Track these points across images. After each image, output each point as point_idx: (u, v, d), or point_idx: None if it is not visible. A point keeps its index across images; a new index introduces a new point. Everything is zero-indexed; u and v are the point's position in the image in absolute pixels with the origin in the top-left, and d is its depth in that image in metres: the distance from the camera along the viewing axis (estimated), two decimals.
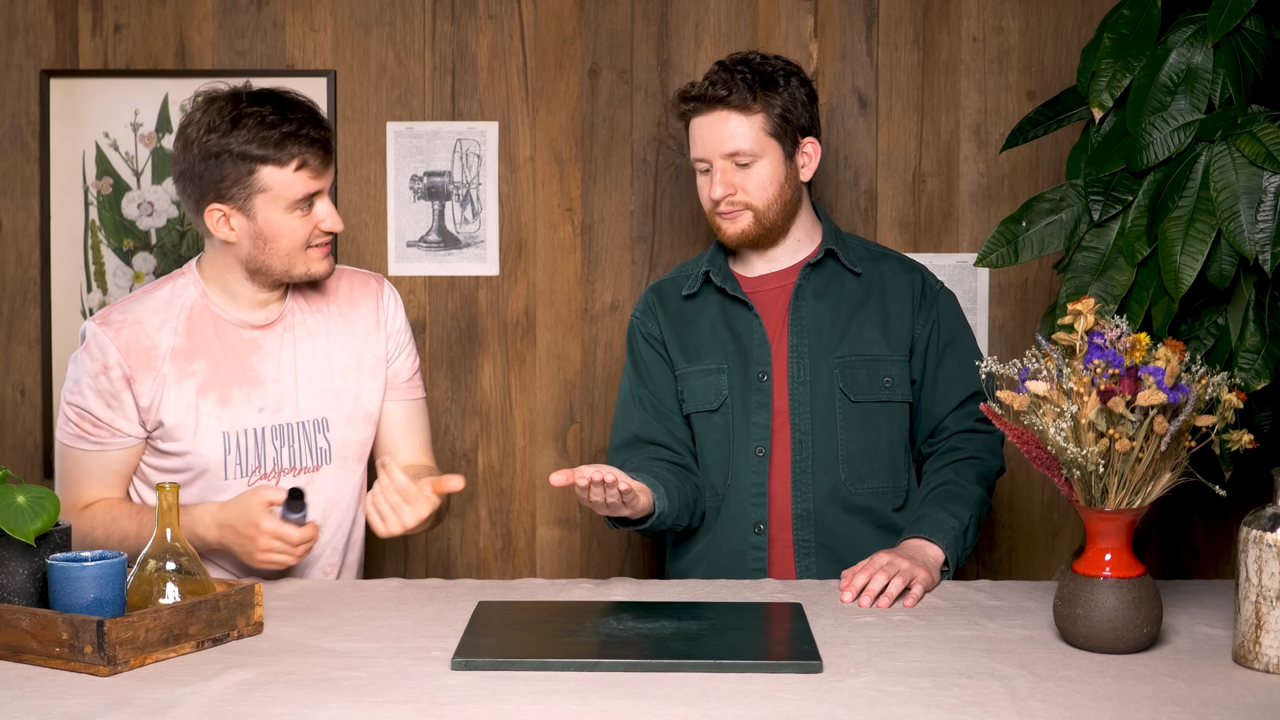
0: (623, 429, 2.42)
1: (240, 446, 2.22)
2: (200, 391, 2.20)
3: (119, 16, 2.88)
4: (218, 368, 2.22)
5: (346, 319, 2.33)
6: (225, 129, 2.13)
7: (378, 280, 2.39)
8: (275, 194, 2.14)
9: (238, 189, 2.14)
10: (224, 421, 2.21)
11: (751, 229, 2.33)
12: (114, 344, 2.17)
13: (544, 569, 2.94)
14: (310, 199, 2.18)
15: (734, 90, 2.28)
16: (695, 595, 2.05)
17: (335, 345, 2.30)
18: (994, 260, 2.20)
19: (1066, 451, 1.70)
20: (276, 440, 2.24)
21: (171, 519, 1.82)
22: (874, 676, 1.65)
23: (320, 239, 2.22)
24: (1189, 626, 1.87)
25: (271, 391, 2.24)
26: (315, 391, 2.27)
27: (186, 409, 2.19)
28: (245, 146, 2.12)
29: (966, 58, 2.87)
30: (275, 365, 2.25)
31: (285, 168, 2.14)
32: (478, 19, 2.89)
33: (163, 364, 2.19)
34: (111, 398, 2.17)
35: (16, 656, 1.72)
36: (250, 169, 2.13)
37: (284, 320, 2.28)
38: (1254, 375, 2.04)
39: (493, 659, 1.69)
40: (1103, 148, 2.19)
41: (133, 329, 2.18)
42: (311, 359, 2.28)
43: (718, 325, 2.39)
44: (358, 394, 2.31)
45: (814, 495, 2.31)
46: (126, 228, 2.88)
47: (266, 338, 2.26)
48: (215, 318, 2.23)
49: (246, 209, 2.16)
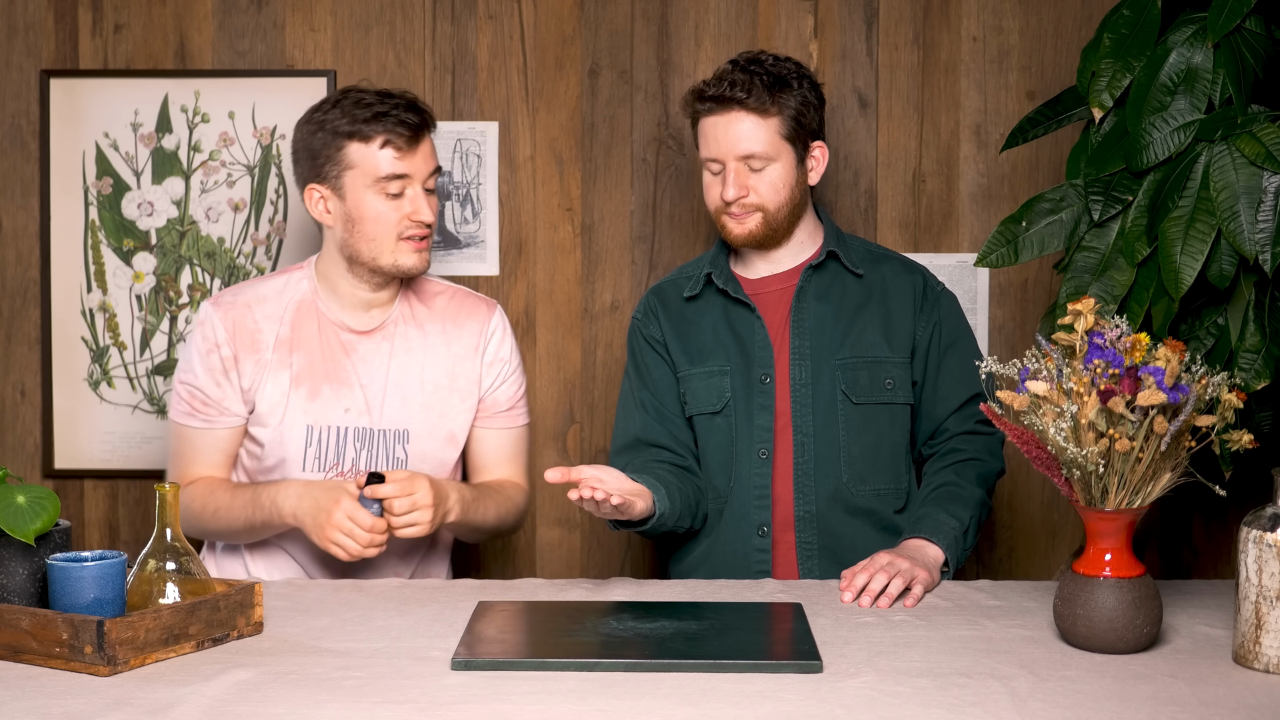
0: (624, 431, 2.41)
1: (321, 441, 2.28)
2: (294, 383, 2.27)
3: (119, 16, 2.88)
4: (313, 363, 2.28)
5: (447, 338, 2.36)
6: (327, 108, 2.25)
7: (489, 305, 2.42)
8: (361, 170, 2.23)
9: (330, 166, 2.24)
10: (310, 415, 2.27)
11: (759, 230, 2.33)
12: (222, 324, 2.26)
13: (544, 569, 2.94)
14: (399, 184, 2.23)
15: (752, 92, 2.27)
16: (695, 595, 2.05)
17: (431, 361, 2.34)
18: (994, 260, 2.20)
19: (1066, 451, 1.70)
20: (358, 442, 2.29)
21: (171, 519, 1.82)
22: (874, 676, 1.65)
23: (412, 230, 2.26)
24: (1189, 626, 1.87)
25: (360, 395, 2.30)
26: (403, 402, 2.31)
27: (279, 397, 2.27)
28: (337, 123, 2.23)
29: (966, 58, 2.87)
30: (368, 370, 2.31)
31: (371, 144, 2.22)
32: (478, 19, 2.89)
33: (266, 350, 2.27)
34: (221, 375, 2.26)
35: (16, 656, 1.72)
36: (340, 145, 2.23)
37: (385, 329, 2.33)
38: (1254, 375, 2.04)
39: (493, 659, 1.69)
40: (1103, 148, 2.19)
41: (241, 311, 2.28)
42: (405, 370, 2.33)
43: (720, 327, 2.39)
44: (444, 412, 2.35)
45: (816, 497, 2.31)
46: (126, 228, 2.88)
47: (365, 343, 2.32)
48: (320, 315, 2.31)
49: (338, 188, 2.24)
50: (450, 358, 2.36)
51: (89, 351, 2.89)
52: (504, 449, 2.42)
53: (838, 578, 2.22)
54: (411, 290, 2.38)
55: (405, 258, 2.26)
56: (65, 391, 2.90)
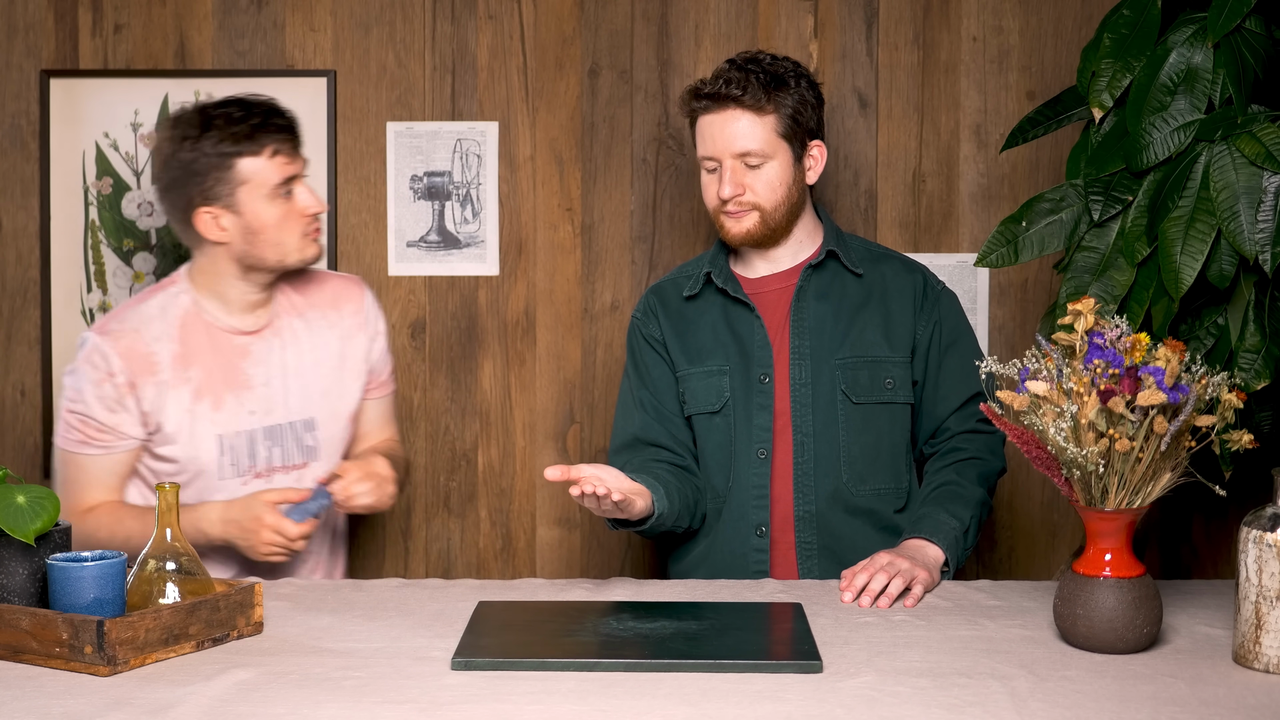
0: (623, 430, 2.41)
1: (234, 448, 2.31)
2: (195, 397, 2.29)
3: (119, 16, 2.88)
4: (211, 374, 2.30)
5: (330, 321, 2.42)
6: (197, 135, 2.25)
7: (358, 284, 2.50)
8: (256, 183, 2.25)
9: (221, 186, 2.24)
10: (218, 425, 2.30)
11: (756, 229, 2.33)
12: (115, 352, 2.25)
13: (544, 569, 2.94)
14: (288, 186, 2.28)
15: (748, 89, 2.28)
16: (695, 595, 2.05)
17: (320, 347, 2.40)
18: (994, 260, 2.20)
19: (1066, 451, 1.70)
20: (268, 440, 2.34)
21: (171, 519, 1.82)
22: (874, 676, 1.65)
23: (313, 224, 2.32)
24: (1189, 626, 1.87)
25: (261, 395, 2.34)
26: (303, 392, 2.37)
27: (184, 414, 2.28)
28: (220, 144, 2.23)
29: (966, 58, 2.87)
30: (265, 370, 2.35)
31: (260, 156, 2.25)
32: (478, 19, 2.89)
33: (163, 371, 2.28)
34: (115, 403, 2.25)
35: (16, 656, 1.72)
36: (229, 164, 2.23)
37: (272, 326, 2.37)
38: (1254, 375, 2.04)
39: (493, 659, 1.69)
40: (1103, 148, 2.19)
41: (131, 337, 2.27)
42: (299, 361, 2.38)
43: (719, 327, 2.39)
44: (341, 394, 2.42)
45: (816, 497, 2.31)
46: (126, 228, 2.88)
47: (256, 344, 2.35)
48: (208, 325, 2.32)
49: (232, 204, 2.25)
50: (338, 339, 2.42)
51: None
52: (384, 415, 2.53)
53: (838, 578, 2.22)
54: (284, 282, 2.41)
55: (309, 250, 2.32)
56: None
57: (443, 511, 2.95)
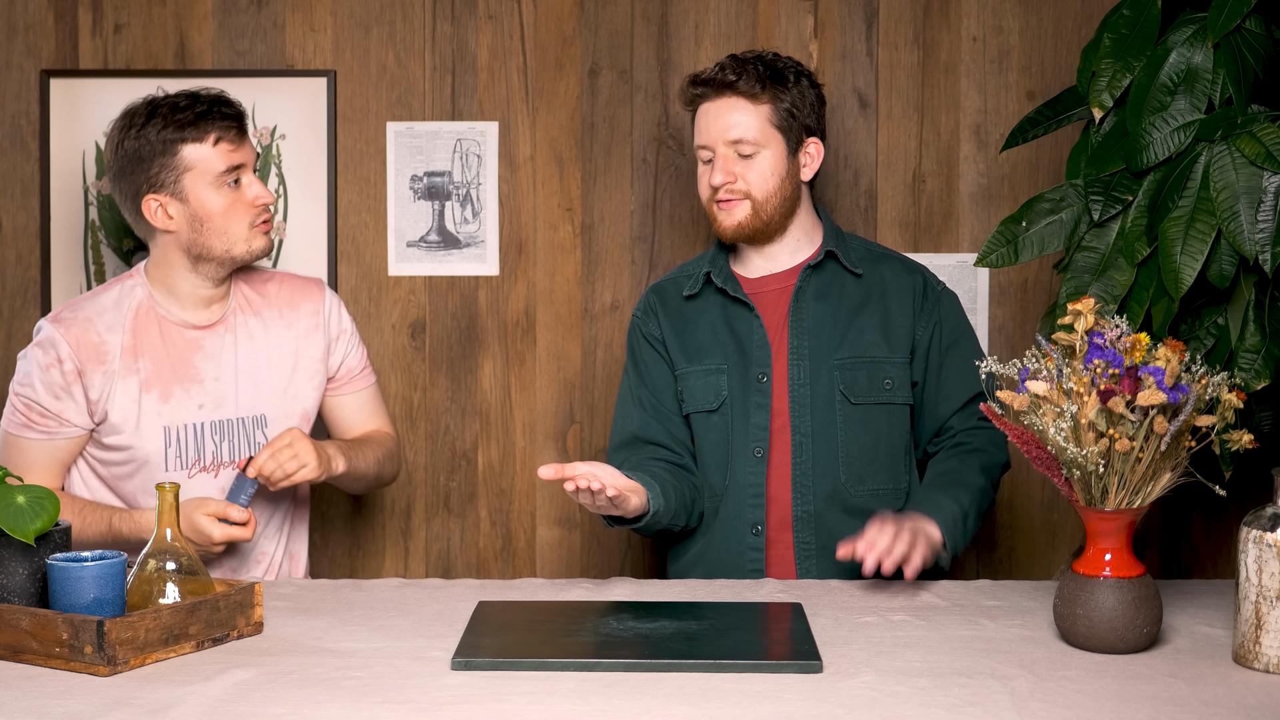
0: (622, 428, 2.42)
1: (180, 440, 2.32)
2: (143, 388, 2.31)
3: (119, 16, 2.88)
4: (160, 366, 2.32)
5: (286, 321, 2.43)
6: (142, 123, 2.29)
7: (318, 285, 2.50)
8: (201, 170, 2.28)
9: (166, 174, 2.27)
10: (164, 417, 2.32)
11: (748, 221, 2.34)
12: (65, 339, 2.28)
13: (544, 569, 2.94)
14: (235, 175, 2.30)
15: (743, 77, 2.31)
16: (695, 595, 2.05)
17: (275, 346, 2.41)
18: (994, 260, 2.20)
19: (1066, 451, 1.70)
20: (216, 435, 2.35)
21: (171, 519, 1.82)
22: (874, 676, 1.65)
23: (262, 215, 2.33)
24: (1189, 626, 1.87)
25: (211, 389, 2.35)
26: (254, 390, 2.38)
27: (130, 404, 2.30)
28: (164, 131, 2.27)
29: (966, 58, 2.87)
30: (216, 364, 2.36)
31: (204, 143, 2.27)
32: (478, 19, 2.89)
33: (112, 361, 2.30)
34: (61, 390, 2.28)
35: (16, 656, 1.72)
36: (173, 151, 2.27)
37: (225, 321, 2.38)
38: (1254, 375, 2.04)
39: (493, 659, 1.69)
40: (1103, 148, 2.19)
41: (83, 326, 2.30)
42: (252, 358, 2.39)
43: (718, 326, 2.39)
44: (295, 394, 2.42)
45: (814, 497, 2.31)
46: (126, 228, 2.88)
47: (208, 338, 2.36)
48: (160, 318, 2.34)
49: (178, 192, 2.28)
50: (293, 339, 2.42)
51: None
52: (366, 407, 2.53)
53: (835, 577, 2.22)
54: (242, 280, 2.42)
55: (257, 241, 2.32)
56: None
57: (443, 511, 2.95)
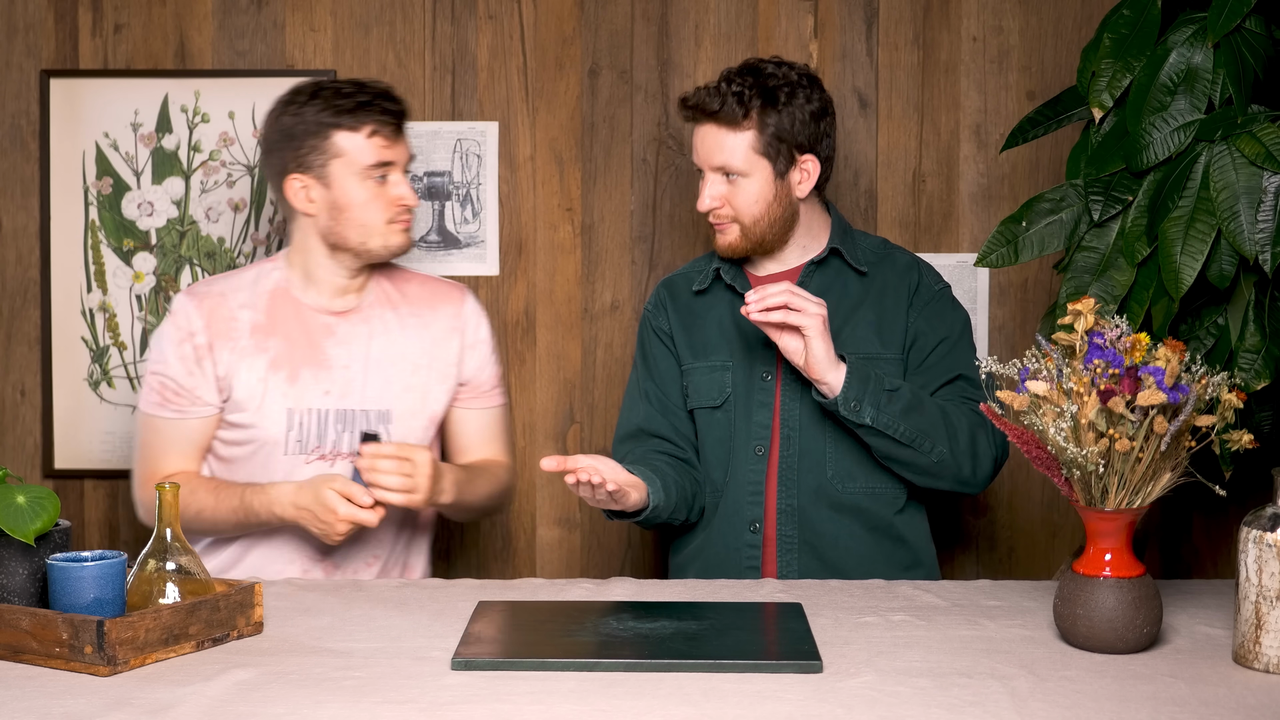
0: (628, 421, 2.43)
1: (303, 424, 2.30)
2: (271, 367, 2.29)
3: (119, 16, 2.88)
4: (292, 347, 2.31)
5: (424, 320, 2.40)
6: (304, 101, 2.28)
7: (461, 290, 2.47)
8: (349, 159, 2.26)
9: (314, 156, 2.26)
10: (289, 399, 2.30)
11: (738, 242, 2.34)
12: (198, 312, 2.28)
13: (544, 569, 2.94)
14: (383, 170, 2.28)
15: (725, 105, 2.27)
16: (695, 595, 2.05)
17: (410, 343, 2.38)
18: (994, 260, 2.20)
19: (1066, 451, 1.70)
20: (339, 424, 2.32)
21: (172, 519, 1.82)
22: (874, 676, 1.65)
23: (402, 214, 2.31)
24: (1189, 626, 1.87)
25: (340, 377, 2.32)
26: (384, 383, 2.35)
27: (256, 382, 2.29)
28: (321, 114, 2.26)
29: (966, 58, 2.87)
30: (347, 352, 2.33)
31: (358, 133, 2.26)
32: (478, 19, 2.89)
33: (241, 337, 2.29)
34: (194, 364, 2.27)
35: (16, 656, 1.72)
36: (326, 134, 2.26)
37: (361, 311, 2.36)
38: (1254, 375, 2.04)
39: (493, 659, 1.69)
40: (1103, 148, 2.19)
41: (216, 300, 2.30)
42: (385, 351, 2.36)
43: (725, 322, 2.39)
44: (425, 393, 2.38)
45: (799, 492, 2.31)
46: (126, 228, 2.88)
47: (342, 325, 2.34)
48: (296, 301, 2.33)
49: (323, 177, 2.27)
50: (429, 339, 2.39)
51: (89, 351, 2.89)
52: (488, 429, 2.47)
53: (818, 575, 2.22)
54: (383, 275, 2.41)
55: (395, 238, 2.30)
56: (65, 391, 2.90)
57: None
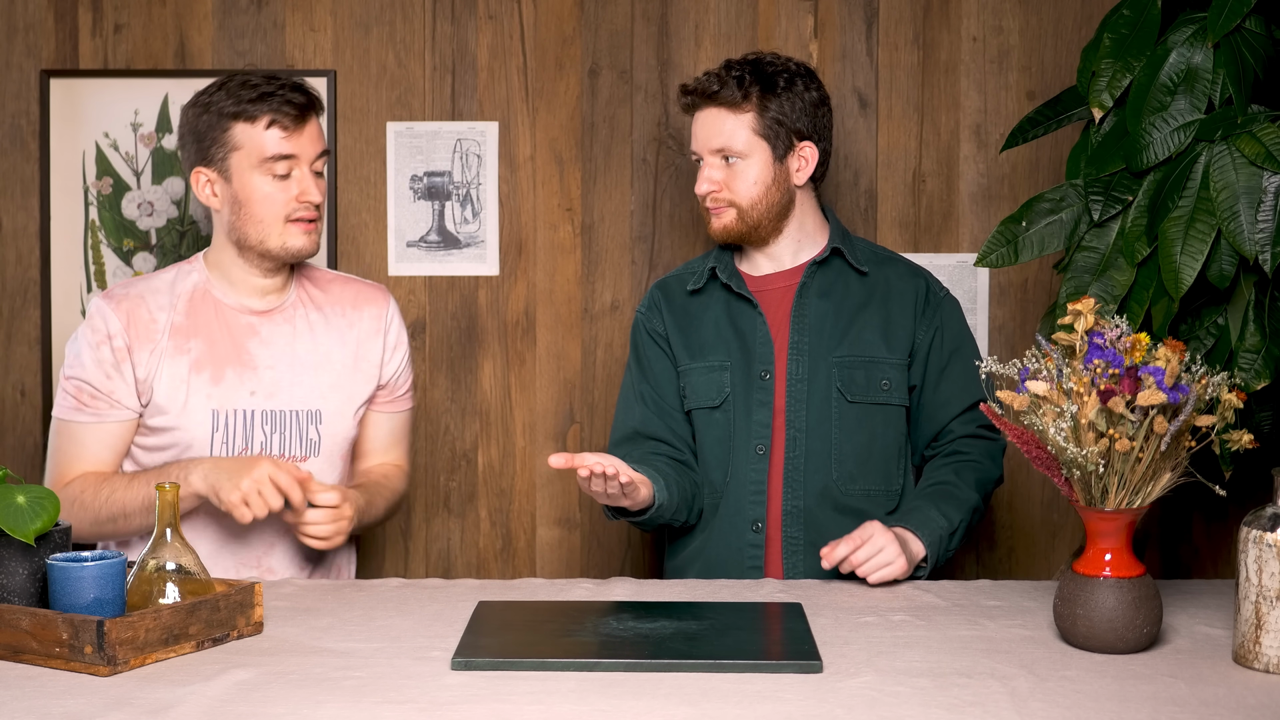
0: (624, 424, 2.43)
1: (228, 425, 2.25)
2: (193, 368, 2.24)
3: (119, 16, 2.88)
4: (214, 347, 2.26)
5: (349, 320, 2.37)
6: (213, 91, 2.24)
7: (384, 293, 2.44)
8: (247, 151, 2.21)
9: (216, 149, 2.22)
10: (214, 399, 2.24)
11: (735, 225, 2.35)
12: (115, 315, 2.23)
13: (544, 569, 2.94)
14: (286, 164, 2.22)
15: (725, 87, 2.31)
16: (695, 595, 2.05)
17: (336, 343, 2.34)
18: (994, 260, 2.20)
19: (1066, 451, 1.70)
20: (267, 425, 2.28)
21: (172, 519, 1.82)
22: (874, 676, 1.65)
23: (301, 212, 2.24)
24: (1189, 626, 1.87)
25: (266, 377, 2.28)
26: (312, 383, 2.31)
27: (178, 384, 2.23)
28: (223, 104, 2.22)
29: (966, 58, 2.87)
30: (271, 352, 2.29)
31: (256, 124, 2.21)
32: (478, 19, 2.89)
33: (161, 339, 2.24)
34: (112, 368, 2.22)
35: (16, 656, 1.72)
36: (226, 126, 2.22)
37: (284, 311, 2.32)
38: (1254, 375, 2.04)
39: (493, 659, 1.69)
40: (1103, 148, 2.19)
41: (134, 302, 2.25)
42: (312, 351, 2.32)
43: (722, 322, 2.39)
44: (352, 392, 2.35)
45: (805, 493, 2.31)
46: (126, 228, 2.88)
47: (265, 324, 2.30)
48: (216, 301, 2.29)
49: (224, 170, 2.23)
50: (355, 339, 2.36)
51: None
52: (395, 433, 2.44)
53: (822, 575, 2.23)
54: (305, 276, 2.38)
55: (294, 239, 2.24)
56: None
57: (443, 511, 2.95)
